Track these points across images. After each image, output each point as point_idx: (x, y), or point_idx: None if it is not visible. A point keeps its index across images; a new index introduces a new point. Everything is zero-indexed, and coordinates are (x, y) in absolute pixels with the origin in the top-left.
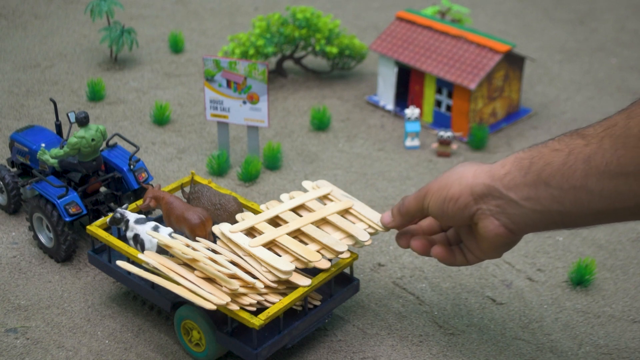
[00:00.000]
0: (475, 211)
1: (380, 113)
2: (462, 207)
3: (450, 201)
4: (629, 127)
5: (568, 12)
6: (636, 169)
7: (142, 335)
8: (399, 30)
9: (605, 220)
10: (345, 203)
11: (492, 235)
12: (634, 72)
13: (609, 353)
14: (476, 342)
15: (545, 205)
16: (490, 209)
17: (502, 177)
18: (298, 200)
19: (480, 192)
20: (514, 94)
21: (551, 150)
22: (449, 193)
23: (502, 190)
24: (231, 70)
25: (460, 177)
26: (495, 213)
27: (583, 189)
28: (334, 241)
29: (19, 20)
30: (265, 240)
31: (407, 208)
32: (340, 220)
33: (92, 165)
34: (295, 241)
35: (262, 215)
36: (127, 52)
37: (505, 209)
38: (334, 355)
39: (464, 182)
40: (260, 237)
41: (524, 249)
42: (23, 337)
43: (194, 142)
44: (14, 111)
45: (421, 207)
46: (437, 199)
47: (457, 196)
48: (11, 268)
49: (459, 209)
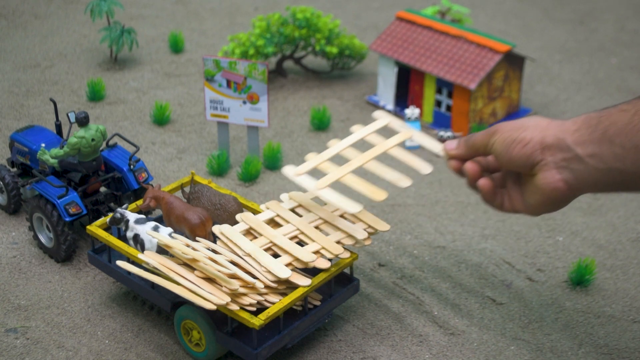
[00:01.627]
0: (540, 161)
1: None
2: (529, 152)
3: (519, 143)
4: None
5: (568, 12)
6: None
7: (142, 335)
8: (399, 30)
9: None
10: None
11: (550, 189)
12: (634, 72)
13: (609, 353)
14: (476, 342)
15: (607, 162)
16: (556, 162)
17: (573, 132)
18: (358, 135)
19: (550, 142)
20: (514, 94)
21: (619, 110)
22: (521, 135)
23: (570, 145)
24: (231, 70)
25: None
26: (560, 167)
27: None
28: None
29: (19, 20)
30: (331, 180)
31: (474, 141)
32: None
33: (92, 165)
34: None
35: (324, 155)
36: (127, 52)
37: (570, 163)
38: (334, 355)
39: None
40: (325, 178)
41: (524, 249)
42: (23, 337)
43: (194, 142)
44: (14, 111)
45: (486, 143)
46: (505, 138)
47: (528, 140)
48: (11, 268)
49: (525, 154)
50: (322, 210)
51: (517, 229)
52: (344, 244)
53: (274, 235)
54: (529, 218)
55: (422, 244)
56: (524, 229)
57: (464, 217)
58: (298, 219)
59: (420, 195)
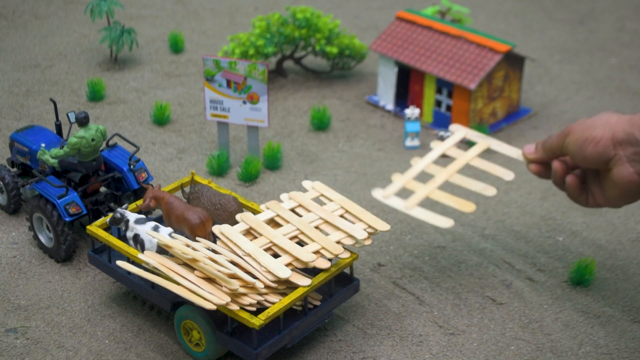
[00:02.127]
0: (613, 156)
1: (380, 113)
2: (602, 150)
3: (591, 142)
4: None
5: (568, 12)
6: None
7: (142, 335)
8: (399, 30)
9: None
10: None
11: (625, 182)
12: (634, 72)
13: (609, 353)
14: (476, 342)
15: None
16: (628, 156)
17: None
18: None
19: (621, 138)
20: (514, 94)
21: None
22: (592, 134)
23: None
24: (231, 70)
25: (605, 122)
26: (632, 160)
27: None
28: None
29: (19, 20)
30: (419, 198)
31: (550, 144)
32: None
33: (92, 165)
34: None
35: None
36: (127, 52)
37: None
38: (334, 355)
39: (607, 126)
40: (413, 197)
41: (524, 249)
42: (23, 337)
43: (194, 142)
44: (14, 111)
45: (561, 145)
46: (578, 138)
47: (599, 138)
48: (11, 268)
49: (598, 152)
50: (322, 210)
51: (517, 229)
52: (344, 244)
53: (274, 235)
54: (529, 218)
55: (422, 244)
56: (524, 229)
57: (464, 217)
58: (298, 218)
59: None
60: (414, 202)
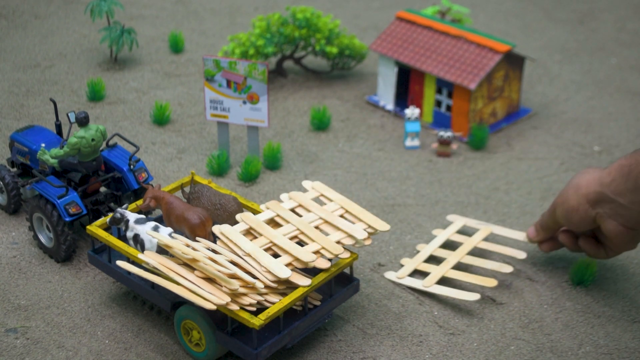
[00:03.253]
0: (595, 215)
1: (380, 113)
2: (583, 215)
3: (572, 212)
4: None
5: (568, 12)
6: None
7: (142, 335)
8: (399, 30)
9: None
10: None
11: (615, 234)
12: (634, 72)
13: (609, 353)
14: (476, 342)
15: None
16: (607, 212)
17: (609, 184)
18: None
19: (594, 199)
20: (514, 94)
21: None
22: (570, 205)
23: (611, 196)
24: (231, 70)
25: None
26: (612, 215)
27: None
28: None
29: (19, 20)
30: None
31: (546, 222)
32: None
33: (92, 165)
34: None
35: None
36: (127, 52)
37: (618, 211)
38: (334, 355)
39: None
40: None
41: (524, 249)
42: (23, 337)
43: (194, 142)
44: (14, 111)
45: (555, 220)
46: (562, 212)
47: (577, 207)
48: (11, 268)
49: (582, 217)
50: (321, 210)
51: (517, 229)
52: (344, 244)
53: (274, 235)
54: (529, 218)
55: (422, 244)
56: (524, 229)
57: (464, 217)
58: (298, 218)
59: (420, 195)
60: (431, 280)
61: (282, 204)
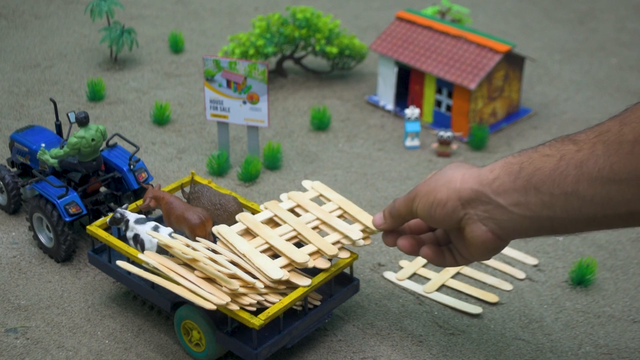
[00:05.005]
0: (463, 216)
1: (380, 113)
2: (450, 212)
3: (437, 206)
4: (623, 133)
5: (568, 12)
6: (629, 176)
7: (142, 335)
8: (399, 30)
9: (595, 227)
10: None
11: (479, 241)
12: (634, 72)
13: (609, 353)
14: (476, 342)
15: (535, 210)
16: (478, 214)
17: (491, 182)
18: None
19: (468, 197)
20: (514, 94)
21: (542, 155)
22: (437, 197)
23: (491, 196)
24: (231, 70)
25: (448, 181)
26: (483, 219)
27: (574, 195)
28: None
29: (19, 20)
30: (437, 285)
31: (398, 210)
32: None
33: (92, 165)
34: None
35: (419, 260)
36: (127, 52)
37: (494, 214)
38: (334, 355)
39: (451, 187)
40: (431, 283)
41: (524, 249)
42: (23, 337)
43: (194, 142)
44: (14, 111)
45: (410, 210)
46: (425, 203)
47: (445, 201)
48: (11, 268)
49: (447, 214)
50: (319, 211)
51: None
52: (343, 243)
53: (271, 235)
54: None
55: None
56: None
57: None
58: (295, 219)
59: None
60: (432, 287)
61: (280, 204)
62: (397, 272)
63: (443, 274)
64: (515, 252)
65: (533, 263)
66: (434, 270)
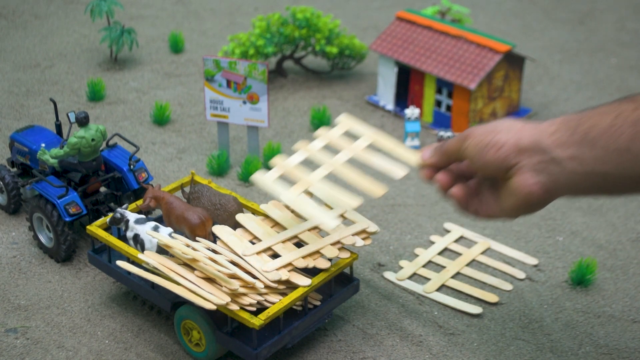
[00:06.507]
0: (515, 164)
1: (380, 113)
2: (503, 156)
3: (492, 147)
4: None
5: (568, 12)
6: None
7: (142, 335)
8: (399, 30)
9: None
10: (484, 244)
11: (525, 192)
12: (634, 72)
13: (609, 353)
14: (476, 342)
15: (588, 165)
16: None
17: (550, 134)
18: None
19: (526, 145)
20: (514, 94)
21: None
22: (494, 139)
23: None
24: (231, 70)
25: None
26: (536, 170)
27: (628, 152)
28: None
29: (19, 20)
30: (437, 285)
31: (448, 147)
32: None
33: (92, 165)
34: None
35: (419, 261)
36: (127, 52)
37: (548, 166)
38: (334, 355)
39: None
40: (431, 283)
41: (524, 249)
42: (23, 337)
43: (194, 142)
44: (14, 111)
45: (459, 148)
46: (478, 142)
47: (502, 144)
48: (11, 268)
49: (498, 158)
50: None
51: (517, 229)
52: (344, 243)
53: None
54: (530, 218)
55: (422, 244)
56: (524, 229)
57: (464, 217)
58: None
59: (420, 195)
60: (432, 287)
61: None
62: (397, 272)
63: (443, 274)
64: (515, 252)
65: (533, 263)
66: (434, 271)
